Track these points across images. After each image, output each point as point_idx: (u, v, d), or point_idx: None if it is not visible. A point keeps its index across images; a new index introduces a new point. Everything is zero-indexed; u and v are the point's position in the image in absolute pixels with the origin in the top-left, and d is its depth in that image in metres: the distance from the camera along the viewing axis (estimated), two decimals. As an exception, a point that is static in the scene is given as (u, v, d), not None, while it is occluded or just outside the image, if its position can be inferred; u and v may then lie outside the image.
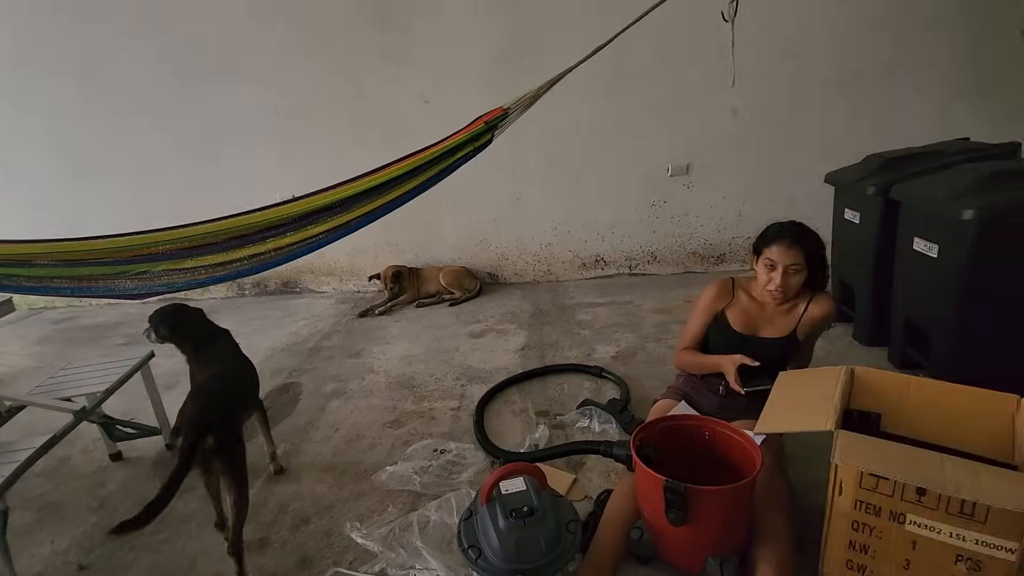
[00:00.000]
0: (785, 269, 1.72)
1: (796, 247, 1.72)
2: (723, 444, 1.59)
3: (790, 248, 1.72)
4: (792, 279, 1.74)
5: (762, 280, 1.79)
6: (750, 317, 1.90)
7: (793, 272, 1.73)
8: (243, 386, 1.89)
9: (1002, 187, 1.96)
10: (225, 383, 1.75)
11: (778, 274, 1.73)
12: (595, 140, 3.88)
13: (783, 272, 1.72)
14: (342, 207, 2.36)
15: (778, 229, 1.78)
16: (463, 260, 4.21)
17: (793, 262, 1.71)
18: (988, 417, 1.35)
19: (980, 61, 3.60)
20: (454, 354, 3.05)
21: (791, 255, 1.72)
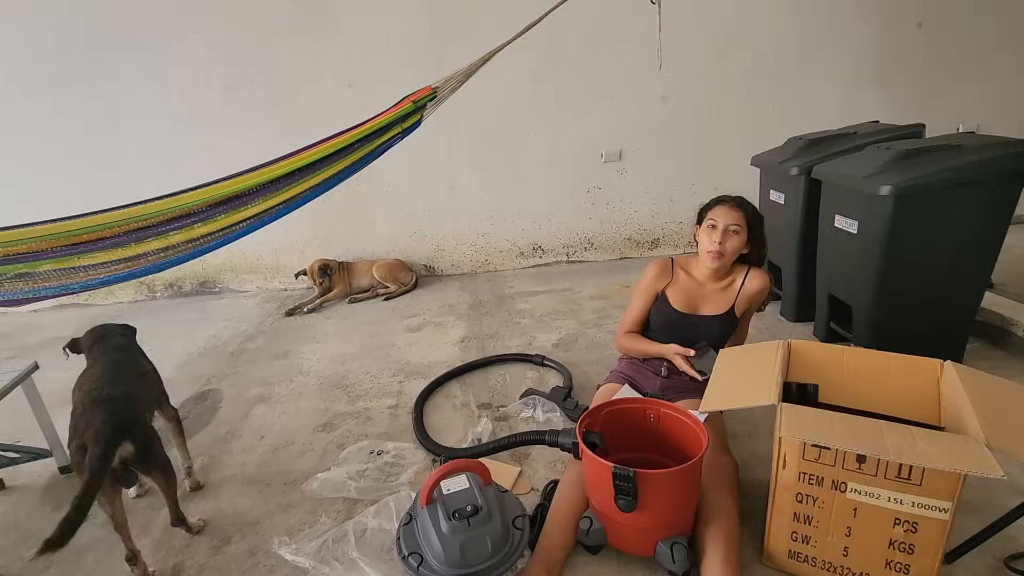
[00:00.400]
0: (725, 228, 1.76)
1: (738, 209, 1.78)
2: (669, 425, 1.56)
3: (732, 209, 1.78)
4: (730, 241, 1.76)
5: (703, 244, 1.82)
6: (690, 295, 1.90)
7: (732, 232, 1.76)
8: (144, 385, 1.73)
9: (913, 165, 2.06)
10: (123, 384, 1.58)
11: (718, 233, 1.76)
12: (528, 126, 3.82)
13: (723, 231, 1.76)
14: (259, 193, 2.16)
15: (721, 196, 1.86)
16: (397, 252, 4.04)
17: (734, 222, 1.76)
18: (915, 382, 1.40)
19: (882, 51, 3.83)
20: (390, 350, 2.90)
21: (733, 215, 1.76)
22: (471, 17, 3.54)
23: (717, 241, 1.77)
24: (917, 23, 3.80)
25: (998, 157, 1.98)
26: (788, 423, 1.13)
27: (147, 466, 1.47)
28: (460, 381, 2.51)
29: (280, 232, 3.70)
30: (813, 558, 1.33)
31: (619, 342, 2.00)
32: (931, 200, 2.01)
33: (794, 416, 1.16)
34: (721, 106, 3.86)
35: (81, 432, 1.39)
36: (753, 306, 1.93)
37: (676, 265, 1.95)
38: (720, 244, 1.77)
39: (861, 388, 1.43)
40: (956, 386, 1.30)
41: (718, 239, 1.77)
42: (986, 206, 2.04)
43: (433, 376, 2.51)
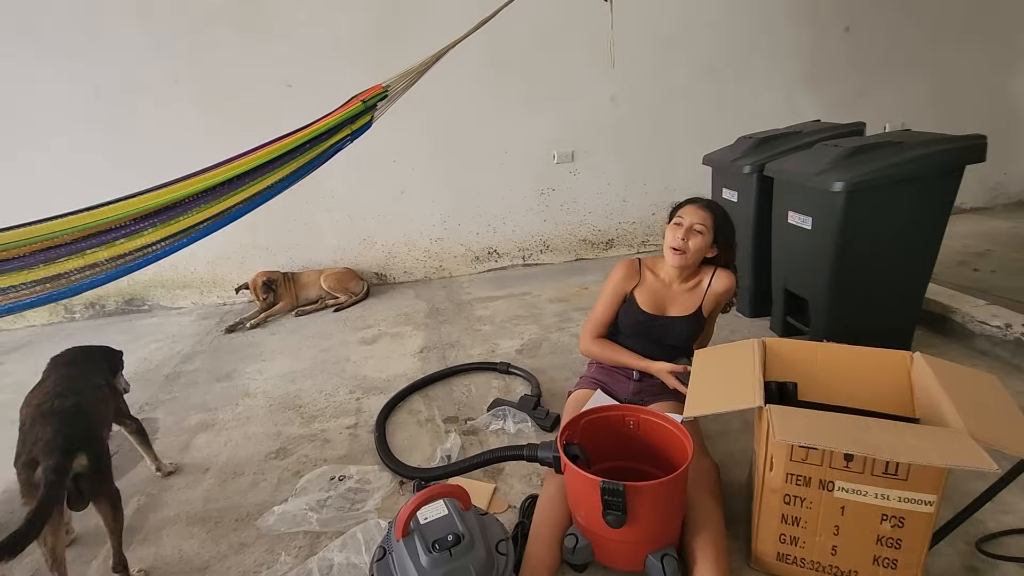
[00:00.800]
0: (690, 226, 1.74)
1: (705, 210, 1.77)
2: (649, 431, 1.52)
3: (700, 209, 1.77)
4: (693, 240, 1.75)
5: (668, 240, 1.80)
6: (657, 297, 1.87)
7: (697, 232, 1.75)
8: (98, 398, 1.62)
9: (861, 161, 2.12)
10: (74, 397, 1.49)
11: (683, 230, 1.74)
12: (479, 127, 3.73)
13: (687, 228, 1.74)
14: (194, 203, 1.97)
15: (694, 196, 1.86)
16: (346, 261, 3.85)
17: (699, 222, 1.74)
18: (887, 374, 1.42)
19: (816, 54, 4.00)
20: (345, 365, 2.74)
21: (699, 215, 1.75)
22: (416, 13, 3.42)
23: (680, 237, 1.75)
24: (845, 27, 3.99)
25: (936, 153, 2.07)
26: (780, 426, 1.10)
27: (99, 485, 1.38)
28: (423, 395, 2.39)
29: (217, 242, 3.43)
30: (802, 559, 1.31)
31: (588, 347, 1.94)
32: (879, 195, 2.08)
33: (784, 418, 1.14)
34: (668, 107, 3.91)
35: (30, 447, 1.32)
36: (719, 306, 1.93)
37: (643, 266, 1.92)
38: (683, 241, 1.75)
39: (836, 383, 1.44)
40: (928, 377, 1.32)
41: (681, 235, 1.75)
42: (927, 199, 2.13)
43: (393, 391, 2.38)
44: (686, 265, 1.80)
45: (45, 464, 1.27)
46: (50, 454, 1.28)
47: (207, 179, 1.95)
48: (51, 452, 1.28)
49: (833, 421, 1.15)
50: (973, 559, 1.37)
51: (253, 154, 2.05)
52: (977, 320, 2.43)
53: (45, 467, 1.26)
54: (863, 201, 2.08)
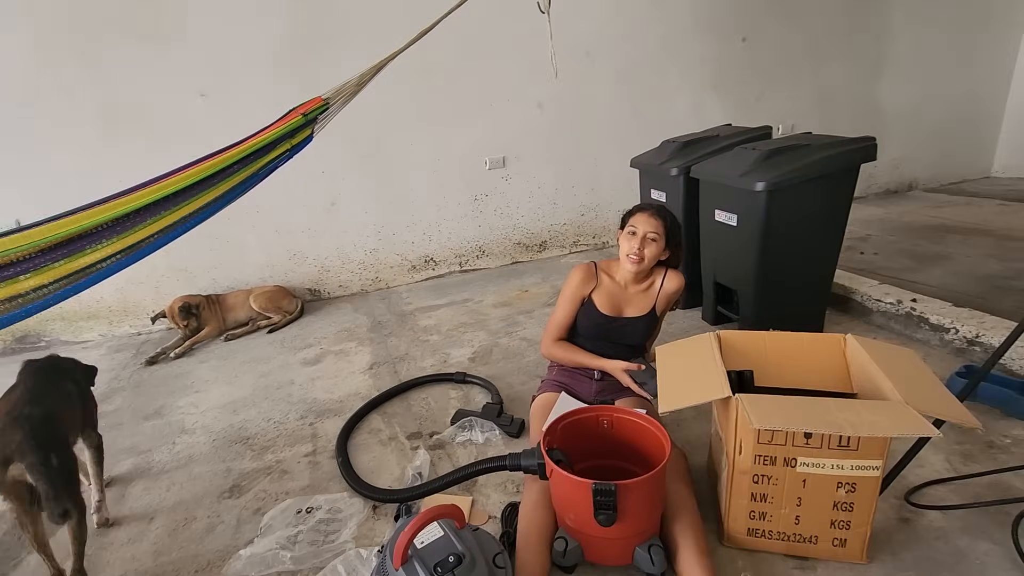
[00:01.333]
0: (644, 235, 1.84)
1: (656, 218, 1.86)
2: (623, 429, 1.59)
3: (651, 217, 1.86)
4: (649, 248, 1.85)
5: (623, 248, 1.88)
6: (614, 299, 1.96)
7: (651, 240, 1.85)
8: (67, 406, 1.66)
9: (777, 163, 2.35)
10: (44, 405, 1.53)
11: (637, 239, 1.84)
12: (410, 135, 3.69)
13: (642, 238, 1.84)
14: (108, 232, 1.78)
15: (643, 204, 1.96)
16: (276, 278, 3.65)
17: (652, 230, 1.84)
18: (825, 356, 1.59)
19: (719, 63, 4.33)
20: (290, 388, 2.61)
21: (651, 223, 1.85)
22: (339, 21, 3.31)
23: (636, 247, 1.85)
24: (742, 38, 4.36)
25: (839, 154, 2.33)
26: (755, 414, 1.20)
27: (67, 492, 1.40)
28: (380, 412, 2.33)
29: (127, 268, 3.14)
30: (769, 531, 1.44)
31: (548, 350, 2.01)
32: (793, 192, 2.31)
33: (755, 406, 1.25)
34: (590, 113, 4.07)
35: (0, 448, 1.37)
36: (670, 303, 2.06)
37: (599, 270, 2.00)
38: (639, 251, 1.85)
39: (785, 368, 1.59)
40: (862, 356, 1.49)
41: (637, 245, 1.85)
42: (833, 194, 2.40)
43: (348, 411, 2.31)
44: (643, 271, 1.90)
45: (28, 461, 1.34)
46: (29, 452, 1.35)
47: (124, 204, 1.78)
48: (29, 450, 1.36)
49: (797, 405, 1.27)
50: (903, 511, 1.58)
51: (183, 173, 1.90)
52: (873, 299, 2.77)
53: (30, 463, 1.34)
54: (781, 198, 2.30)
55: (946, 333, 2.43)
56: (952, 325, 2.41)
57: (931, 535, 1.49)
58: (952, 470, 1.73)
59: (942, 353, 2.44)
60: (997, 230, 4.04)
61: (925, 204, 5.02)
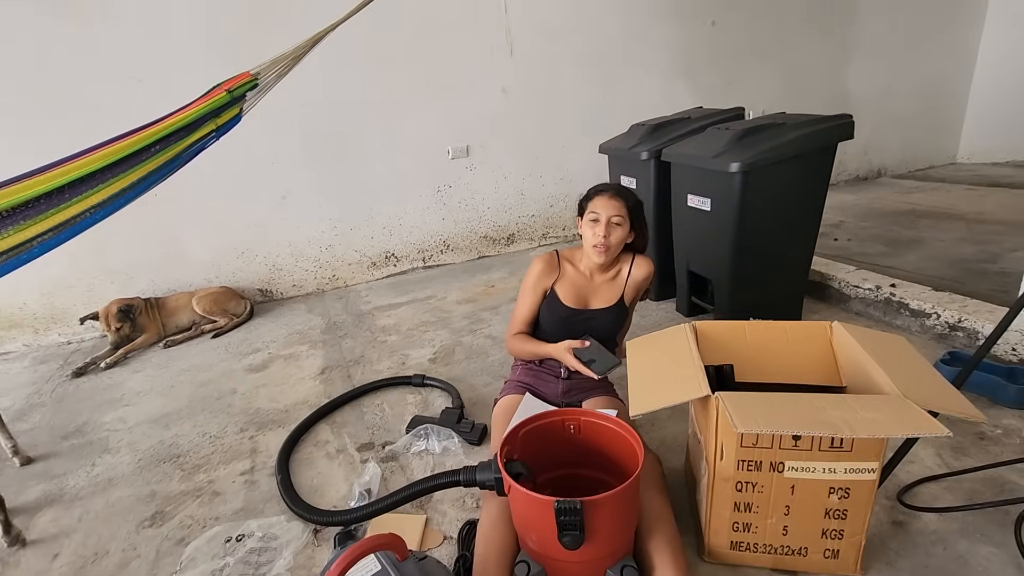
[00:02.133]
0: (608, 220, 1.68)
1: (617, 199, 1.70)
2: (591, 433, 1.42)
3: (612, 199, 1.69)
4: (615, 233, 1.69)
5: (587, 238, 1.72)
6: (579, 290, 1.79)
7: (615, 224, 1.69)
8: None
9: (752, 143, 2.21)
10: None
11: (601, 226, 1.67)
12: (366, 123, 3.46)
13: (606, 223, 1.67)
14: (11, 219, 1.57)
15: (599, 185, 1.77)
16: (223, 279, 3.39)
17: (615, 213, 1.68)
18: (811, 346, 1.44)
19: (687, 46, 4.21)
20: (232, 398, 2.37)
21: (613, 206, 1.68)
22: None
23: (602, 235, 1.68)
24: (711, 21, 4.24)
25: (815, 132, 2.20)
26: (739, 416, 1.04)
27: None
28: (330, 422, 2.12)
29: (53, 269, 2.86)
30: (755, 544, 1.29)
31: (509, 344, 1.85)
32: (769, 173, 2.17)
33: (739, 406, 1.08)
34: (557, 98, 3.90)
35: None
36: (639, 293, 1.90)
37: (562, 259, 1.83)
38: (605, 238, 1.68)
39: (767, 360, 1.44)
40: (851, 345, 1.35)
41: (602, 232, 1.68)
42: (811, 175, 2.27)
43: (294, 422, 2.09)
44: (611, 258, 1.74)
45: None
46: None
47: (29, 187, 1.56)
48: None
49: (784, 403, 1.12)
50: (896, 513, 1.44)
51: (92, 154, 1.67)
52: (851, 285, 2.66)
53: None
54: (756, 180, 2.16)
55: (927, 319, 2.33)
56: (933, 310, 2.31)
57: (928, 540, 1.36)
58: (944, 465, 1.60)
59: (924, 339, 2.34)
60: (967, 214, 4.02)
61: (895, 190, 5.00)
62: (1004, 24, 5.31)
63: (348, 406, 2.21)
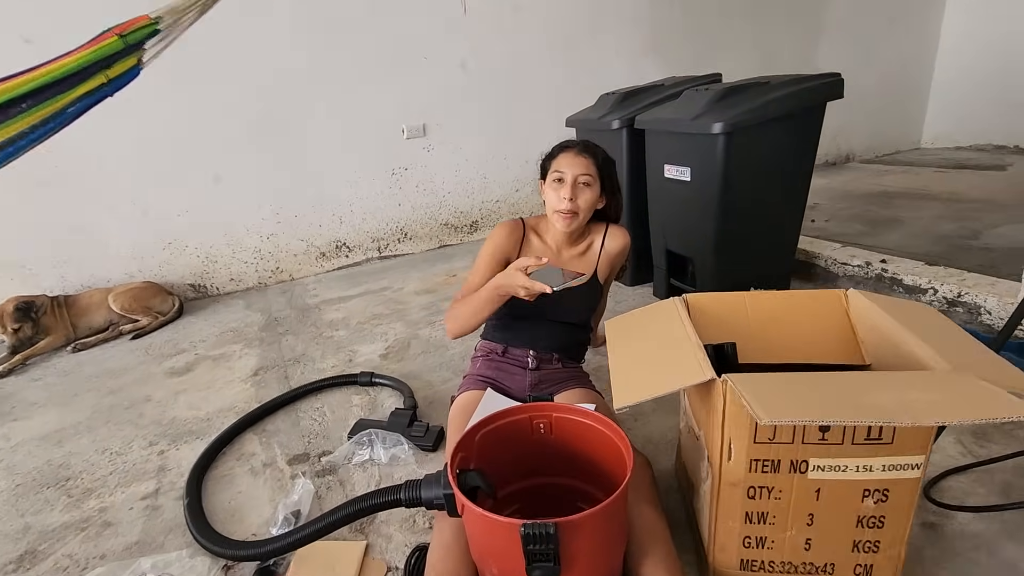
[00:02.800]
0: (574, 180, 1.41)
1: (585, 155, 1.44)
2: (565, 433, 1.16)
3: (579, 155, 1.43)
4: (583, 196, 1.43)
5: (551, 202, 1.45)
6: (545, 264, 1.52)
7: (584, 185, 1.43)
8: None
9: (734, 103, 1.99)
10: None
11: (567, 187, 1.41)
12: (311, 97, 3.12)
13: (572, 184, 1.41)
14: None
15: (564, 141, 1.51)
16: (147, 273, 3.00)
17: (583, 171, 1.42)
18: (825, 319, 1.21)
19: (654, 22, 4.00)
20: (144, 407, 2.02)
21: (580, 163, 1.42)
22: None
23: (567, 197, 1.41)
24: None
25: (802, 90, 2.00)
26: (760, 403, 0.78)
27: None
28: (258, 431, 1.80)
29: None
30: (771, 562, 1.04)
31: (447, 317, 1.47)
32: (755, 135, 1.96)
33: (755, 391, 0.83)
34: (522, 73, 3.64)
35: None
36: (615, 269, 1.65)
37: (527, 228, 1.56)
38: (571, 201, 1.42)
39: (774, 337, 1.20)
40: (873, 314, 1.12)
41: (568, 195, 1.41)
42: (798, 136, 2.07)
43: (216, 432, 1.76)
44: (579, 227, 1.48)
45: None
46: None
47: None
48: None
49: (812, 385, 0.87)
50: (926, 513, 1.22)
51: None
52: (839, 262, 2.48)
53: None
54: (741, 142, 1.94)
55: (923, 295, 2.15)
56: (930, 285, 2.13)
57: (969, 545, 1.14)
58: (968, 454, 1.40)
59: (920, 317, 2.16)
60: (940, 194, 3.94)
61: (865, 173, 4.92)
62: (964, 10, 5.31)
63: (282, 411, 1.89)
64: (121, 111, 2.72)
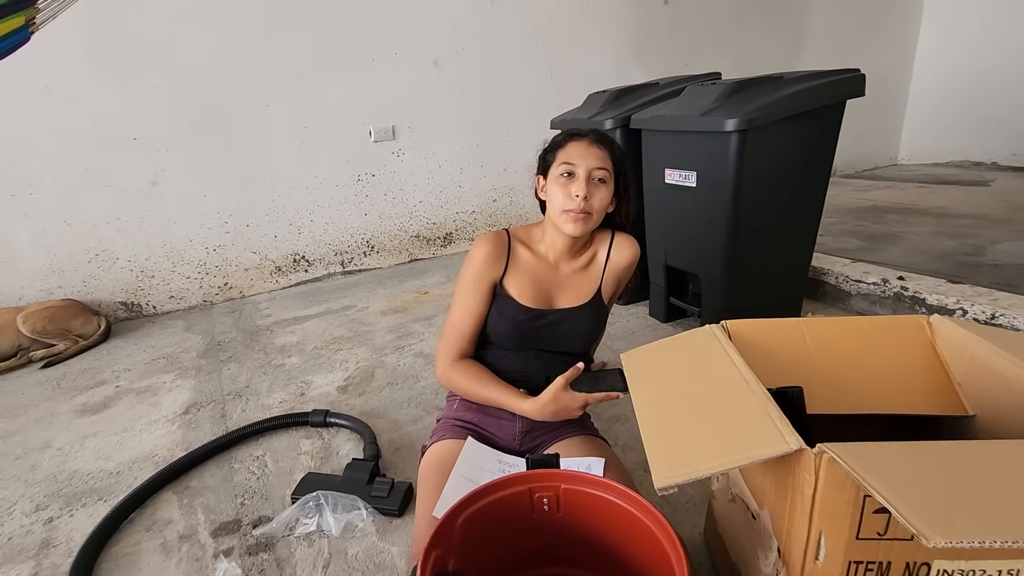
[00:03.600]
0: (588, 175, 1.13)
1: (600, 146, 1.16)
2: (578, 510, 0.86)
3: (592, 145, 1.15)
4: (598, 193, 1.15)
5: (557, 201, 1.15)
6: (540, 283, 1.23)
7: (599, 182, 1.15)
8: None
9: (748, 98, 1.76)
10: None
11: (581, 183, 1.12)
12: (263, 94, 2.78)
13: (587, 178, 1.13)
14: None
15: (573, 129, 1.21)
16: (69, 290, 2.59)
17: (599, 164, 1.14)
18: (905, 353, 0.95)
19: (639, 26, 3.81)
20: (39, 456, 1.63)
21: (595, 155, 1.14)
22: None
23: (580, 195, 1.13)
24: (664, 1, 3.88)
25: (822, 85, 1.78)
26: (913, 510, 0.50)
27: None
28: (179, 489, 1.44)
29: None
30: None
31: (446, 375, 1.23)
32: (772, 133, 1.72)
33: (892, 479, 0.55)
34: (499, 75, 3.38)
35: None
36: (622, 285, 1.36)
37: (513, 240, 1.26)
38: (586, 200, 1.13)
39: (844, 377, 0.93)
40: (977, 349, 0.86)
41: (581, 191, 1.13)
42: (817, 137, 1.85)
43: (125, 490, 1.40)
44: (588, 232, 1.20)
45: None
46: None
47: None
48: None
49: (961, 459, 0.59)
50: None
51: None
52: (852, 279, 2.26)
53: None
54: (756, 142, 1.70)
55: (950, 315, 1.94)
56: (958, 305, 1.92)
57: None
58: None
59: (948, 341, 1.94)
60: (930, 209, 3.83)
61: (849, 188, 4.82)
62: (939, 27, 5.32)
63: (213, 461, 1.54)
64: (40, 100, 2.36)
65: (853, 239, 3.20)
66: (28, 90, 2.34)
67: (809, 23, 4.70)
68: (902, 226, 3.43)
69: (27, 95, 2.34)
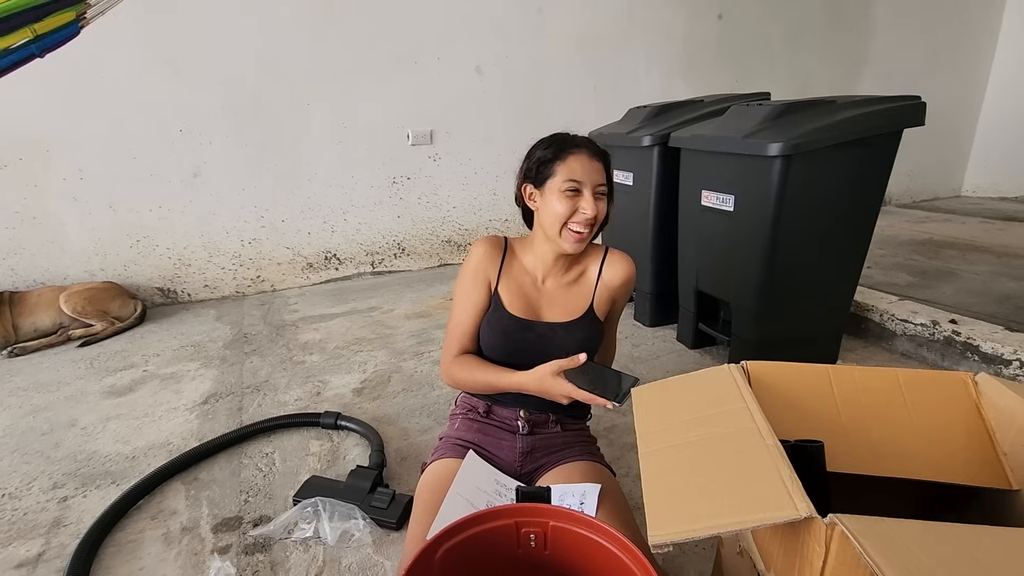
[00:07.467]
0: (594, 190, 1.10)
1: (599, 160, 1.13)
2: (567, 550, 0.81)
3: (592, 160, 1.12)
4: (601, 210, 1.12)
5: (557, 216, 1.11)
6: (526, 295, 1.20)
7: (600, 196, 1.12)
8: None
9: (796, 122, 1.67)
10: None
11: (589, 201, 1.09)
12: (305, 92, 2.84)
13: (592, 194, 1.10)
14: None
15: (563, 137, 1.16)
16: (110, 273, 2.70)
17: (601, 181, 1.12)
18: (945, 414, 0.86)
19: (691, 38, 3.73)
20: (64, 434, 1.69)
21: (597, 170, 1.12)
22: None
23: (591, 214, 1.09)
24: (718, 14, 3.78)
25: (876, 112, 1.67)
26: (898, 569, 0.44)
27: None
28: (188, 479, 1.46)
29: None
30: None
31: (450, 373, 1.20)
32: (820, 161, 1.63)
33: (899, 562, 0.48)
34: (542, 83, 3.36)
35: None
36: (619, 304, 1.30)
37: (510, 248, 1.23)
38: (592, 216, 1.10)
39: (873, 433, 0.85)
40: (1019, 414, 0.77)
41: (591, 211, 1.09)
42: (869, 168, 1.73)
43: (138, 476, 1.43)
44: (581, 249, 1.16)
45: None
46: None
47: None
48: None
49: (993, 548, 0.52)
50: None
51: None
52: (898, 319, 2.12)
53: None
54: (801, 168, 1.61)
55: (1006, 366, 1.79)
56: (1015, 356, 1.77)
57: None
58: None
59: (1001, 393, 1.79)
60: (992, 247, 3.58)
61: (905, 219, 4.57)
62: (1014, 56, 5.01)
63: (223, 454, 1.55)
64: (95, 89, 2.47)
65: (904, 273, 3.02)
66: (84, 79, 2.45)
67: (875, 47, 4.49)
68: (959, 263, 3.22)
69: (83, 84, 2.45)
